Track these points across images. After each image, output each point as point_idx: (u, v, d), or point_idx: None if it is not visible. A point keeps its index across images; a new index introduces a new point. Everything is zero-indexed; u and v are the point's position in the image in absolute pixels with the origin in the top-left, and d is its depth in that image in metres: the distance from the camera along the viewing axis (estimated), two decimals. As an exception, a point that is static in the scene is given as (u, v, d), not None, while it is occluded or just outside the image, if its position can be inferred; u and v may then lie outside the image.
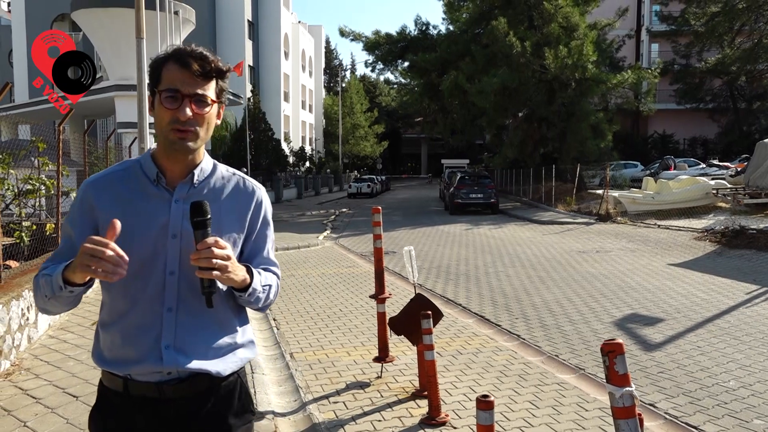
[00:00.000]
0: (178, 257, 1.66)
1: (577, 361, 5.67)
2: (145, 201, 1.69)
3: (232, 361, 1.75)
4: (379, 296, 5.32)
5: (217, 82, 1.67)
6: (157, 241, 1.66)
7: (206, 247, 1.54)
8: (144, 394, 1.68)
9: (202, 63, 1.63)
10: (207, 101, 1.64)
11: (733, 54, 35.16)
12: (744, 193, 17.89)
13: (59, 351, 5.80)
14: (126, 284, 1.62)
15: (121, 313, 1.68)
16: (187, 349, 1.67)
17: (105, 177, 1.74)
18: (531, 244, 14.36)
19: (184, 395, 1.69)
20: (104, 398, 1.77)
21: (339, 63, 79.99)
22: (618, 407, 1.93)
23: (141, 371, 1.66)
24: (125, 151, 15.27)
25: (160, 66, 1.65)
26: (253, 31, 46.20)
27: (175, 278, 1.66)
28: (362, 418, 4.25)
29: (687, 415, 4.38)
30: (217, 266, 1.54)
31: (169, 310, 1.67)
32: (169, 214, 1.67)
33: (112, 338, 1.70)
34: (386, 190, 48.55)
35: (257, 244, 1.81)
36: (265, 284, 1.75)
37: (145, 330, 1.66)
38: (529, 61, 25.36)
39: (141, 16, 12.72)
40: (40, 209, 8.41)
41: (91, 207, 1.69)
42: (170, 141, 1.64)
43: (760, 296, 8.28)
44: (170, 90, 1.61)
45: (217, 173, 1.77)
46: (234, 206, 1.76)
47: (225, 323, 1.75)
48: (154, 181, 1.70)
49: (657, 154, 38.78)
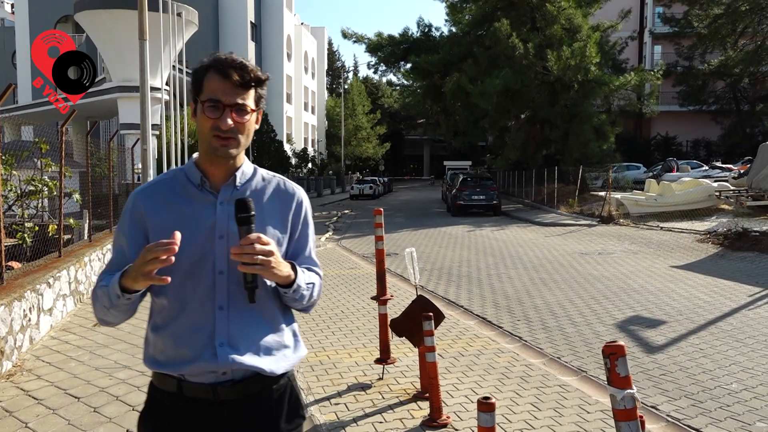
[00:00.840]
0: (226, 257, 1.69)
1: (579, 363, 5.66)
2: (191, 205, 1.75)
3: (283, 360, 1.78)
4: (380, 298, 5.32)
5: (256, 91, 1.73)
6: (205, 242, 1.71)
7: (249, 243, 1.59)
8: (198, 395, 1.71)
9: (242, 73, 1.68)
10: (247, 110, 1.69)
11: (736, 56, 35.10)
12: (747, 196, 17.85)
13: (61, 352, 5.81)
14: (178, 286, 1.69)
15: (174, 314, 1.73)
16: (240, 347, 1.70)
17: (152, 186, 1.82)
18: (533, 246, 14.34)
19: (237, 397, 1.71)
20: (156, 400, 1.79)
21: (341, 65, 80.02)
22: (619, 409, 1.92)
23: (196, 370, 1.69)
24: (128, 152, 15.30)
25: (201, 75, 1.71)
26: (256, 33, 46.28)
27: (225, 277, 1.71)
28: (363, 420, 4.24)
29: (689, 418, 4.37)
30: (260, 261, 1.59)
31: (220, 308, 1.71)
32: (215, 216, 1.73)
33: (165, 341, 1.74)
34: (388, 191, 48.55)
35: (299, 244, 1.85)
36: (308, 282, 1.79)
37: (198, 329, 1.70)
38: (531, 63, 25.36)
39: (144, 17, 12.75)
40: (42, 210, 8.44)
41: (141, 215, 1.76)
42: (212, 148, 1.70)
43: (762, 298, 8.26)
44: (212, 100, 1.67)
45: (258, 176, 1.84)
46: (276, 207, 1.81)
47: (274, 322, 1.79)
48: (199, 186, 1.76)
49: (660, 156, 38.73)
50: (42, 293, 6.31)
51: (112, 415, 4.27)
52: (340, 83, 65.27)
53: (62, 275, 7.08)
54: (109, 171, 12.20)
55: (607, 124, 27.01)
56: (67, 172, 8.25)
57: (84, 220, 9.95)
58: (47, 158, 7.90)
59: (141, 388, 4.79)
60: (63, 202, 8.06)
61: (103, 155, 13.01)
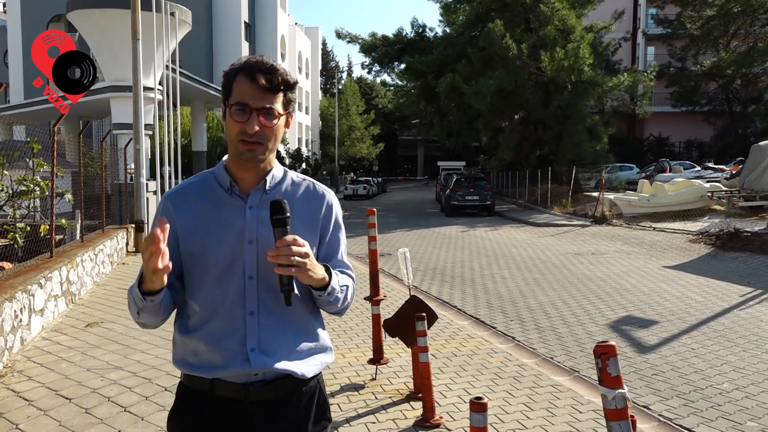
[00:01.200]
0: (256, 262, 1.70)
1: (572, 363, 5.68)
2: (220, 209, 1.74)
3: (313, 364, 1.78)
4: (373, 298, 5.32)
5: (285, 95, 1.71)
6: (234, 247, 1.71)
7: (285, 245, 1.58)
8: (229, 395, 1.71)
9: (270, 77, 1.67)
10: (275, 114, 1.68)
11: (729, 57, 35.27)
12: (739, 196, 17.94)
13: (52, 353, 5.78)
14: (208, 290, 1.71)
15: (205, 319, 1.72)
16: (271, 351, 1.71)
17: (182, 189, 1.82)
18: (527, 246, 14.37)
19: (268, 398, 1.72)
20: (186, 399, 1.79)
21: (335, 65, 79.98)
22: (610, 409, 1.93)
23: (228, 375, 1.70)
24: (120, 152, 15.24)
25: (230, 79, 1.70)
26: (250, 33, 46.19)
27: (255, 282, 1.71)
28: (356, 420, 4.24)
29: (681, 417, 4.39)
30: (296, 263, 1.58)
31: (251, 313, 1.71)
32: (244, 220, 1.72)
33: (195, 344, 1.74)
34: (382, 192, 48.55)
35: (330, 248, 1.85)
36: (342, 285, 1.78)
37: (229, 334, 1.70)
38: (525, 64, 25.41)
39: (137, 17, 12.71)
40: (34, 210, 8.39)
41: (170, 219, 1.72)
42: (239, 152, 1.69)
43: (754, 299, 8.31)
44: (239, 104, 1.66)
45: (288, 179, 1.83)
46: (306, 210, 1.80)
47: (304, 326, 1.79)
48: (228, 190, 1.75)
49: (652, 157, 38.87)
50: (33, 294, 6.28)
51: (104, 417, 4.25)
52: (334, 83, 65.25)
53: (54, 276, 7.04)
54: (101, 171, 12.16)
55: (600, 124, 27.10)
56: (59, 172, 8.21)
57: (76, 221, 9.91)
58: (39, 158, 7.86)
59: (133, 389, 4.77)
60: (55, 202, 8.02)
61: (95, 155, 12.95)
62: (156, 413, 4.30)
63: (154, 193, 15.39)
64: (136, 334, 6.34)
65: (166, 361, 5.43)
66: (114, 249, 10.92)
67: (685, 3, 35.05)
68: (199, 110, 26.10)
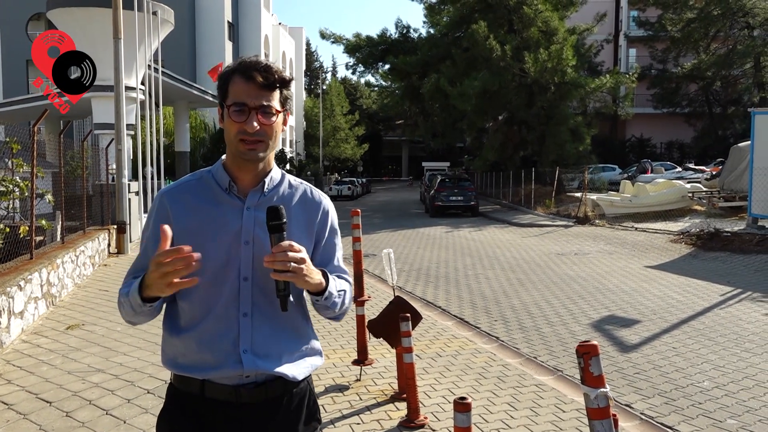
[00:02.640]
0: (251, 263, 1.70)
1: (555, 362, 5.71)
2: (217, 209, 1.74)
3: (304, 366, 1.79)
4: (358, 299, 5.31)
5: (281, 92, 1.72)
6: (230, 247, 1.70)
7: (281, 251, 1.57)
8: (221, 397, 1.70)
9: (266, 75, 1.67)
10: (272, 111, 1.68)
11: (709, 59, 35.76)
12: (719, 197, 18.19)
13: (32, 356, 5.70)
14: (202, 291, 1.68)
15: (197, 319, 1.71)
16: (264, 353, 1.71)
17: (179, 186, 1.80)
18: (510, 247, 14.45)
19: (259, 400, 1.71)
20: (176, 400, 1.78)
21: (320, 65, 79.80)
22: (593, 408, 1.94)
23: (220, 376, 1.69)
24: (102, 152, 15.08)
25: (226, 80, 1.70)
26: (233, 33, 45.93)
27: (249, 284, 1.71)
28: (341, 422, 4.24)
29: (662, 416, 4.43)
30: (292, 269, 1.57)
31: (244, 315, 1.70)
32: (241, 221, 1.72)
33: (186, 344, 1.72)
34: (367, 192, 48.54)
35: (327, 253, 1.85)
36: (340, 289, 1.79)
37: (222, 335, 1.69)
38: (509, 65, 25.56)
39: (118, 16, 12.59)
40: (13, 211, 8.27)
41: (167, 216, 1.73)
42: (240, 152, 1.69)
43: (733, 298, 8.42)
44: (237, 104, 1.66)
45: (285, 182, 1.82)
46: (302, 215, 1.80)
47: (296, 329, 1.79)
48: (227, 190, 1.75)
49: (634, 158, 39.27)
50: (13, 296, 6.19)
51: (85, 420, 4.20)
52: (318, 84, 65.12)
53: (34, 278, 6.95)
54: (82, 171, 12.02)
55: (583, 125, 27.33)
56: (39, 172, 8.10)
57: (56, 222, 9.78)
58: (19, 158, 7.75)
59: (115, 392, 4.72)
60: (35, 203, 7.91)
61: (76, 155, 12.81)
62: (138, 416, 4.26)
63: (136, 193, 15.25)
64: (117, 336, 6.27)
65: (148, 364, 5.38)
66: (95, 250, 10.80)
67: (666, 6, 35.52)
68: (182, 110, 25.89)
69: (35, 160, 7.78)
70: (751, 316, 7.31)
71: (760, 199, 13.96)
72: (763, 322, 7.01)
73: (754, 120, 14.30)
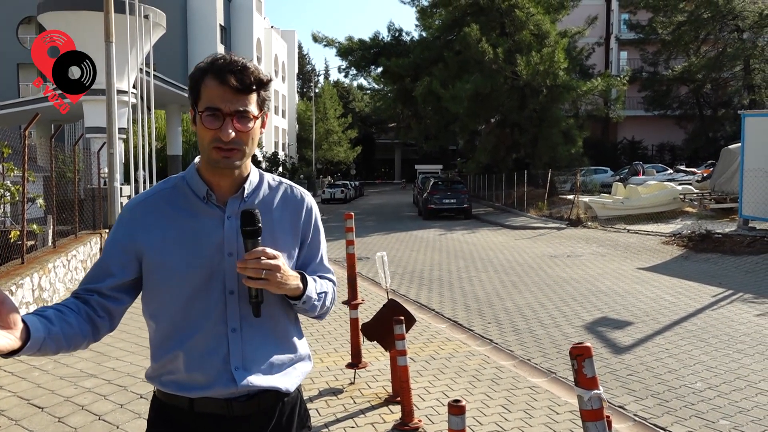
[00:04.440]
0: (237, 276, 1.59)
1: (549, 364, 5.73)
2: (196, 219, 1.62)
3: (295, 375, 1.73)
4: (351, 302, 5.31)
5: (258, 94, 1.59)
6: (213, 260, 1.60)
7: (254, 257, 1.51)
8: (211, 411, 1.62)
9: (242, 77, 1.54)
10: (249, 117, 1.56)
11: (699, 62, 35.98)
12: (710, 198, 18.28)
13: (24, 361, 5.66)
14: (186, 307, 1.59)
15: (183, 337, 1.61)
16: (255, 368, 1.63)
17: (150, 197, 1.67)
18: (503, 249, 14.48)
19: (251, 412, 1.64)
20: (162, 415, 1.68)
21: (312, 68, 79.80)
22: (586, 410, 1.95)
23: (211, 394, 1.61)
24: (93, 156, 15.02)
25: (198, 81, 1.57)
26: (226, 36, 45.88)
27: (236, 297, 1.61)
28: (335, 425, 4.23)
29: (655, 417, 4.45)
30: (265, 276, 1.51)
31: (233, 330, 1.61)
32: (223, 231, 1.62)
33: (173, 364, 1.62)
34: (360, 195, 48.53)
35: (311, 252, 1.78)
36: (320, 291, 1.72)
37: (211, 353, 1.60)
38: (501, 68, 25.64)
39: (110, 19, 12.55)
40: (4, 216, 8.22)
41: (136, 230, 1.62)
42: (213, 160, 1.57)
43: (725, 299, 8.47)
44: (210, 108, 1.53)
45: (265, 184, 1.72)
46: (285, 216, 1.72)
47: (285, 338, 1.72)
48: (204, 199, 1.63)
49: (626, 160, 39.45)
50: (4, 301, 6.13)
51: (78, 425, 4.18)
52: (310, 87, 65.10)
53: (25, 282, 6.90)
54: (74, 175, 11.96)
55: (575, 128, 27.44)
56: (30, 176, 8.05)
57: (48, 226, 9.73)
58: (10, 163, 7.71)
59: (107, 397, 4.70)
60: (26, 208, 7.86)
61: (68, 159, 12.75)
62: (131, 421, 4.24)
63: (129, 197, 15.20)
64: (110, 341, 6.25)
65: (141, 368, 5.36)
66: (87, 255, 10.75)
67: (656, 9, 35.72)
68: (174, 113, 25.84)
69: (26, 164, 7.74)
70: (742, 317, 7.35)
71: (750, 200, 14.05)
72: (754, 323, 7.05)
73: (744, 122, 14.41)
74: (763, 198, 13.64)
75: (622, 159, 40.68)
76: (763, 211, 13.80)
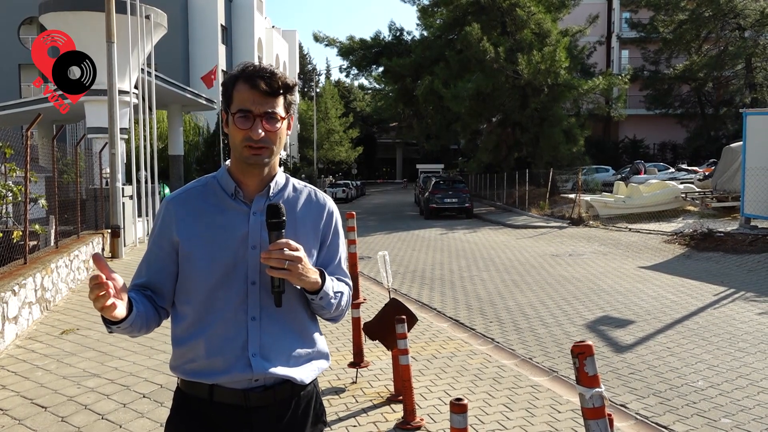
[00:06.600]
0: (259, 267, 1.71)
1: (551, 363, 5.73)
2: (224, 214, 1.76)
3: (311, 369, 1.82)
4: (353, 301, 5.32)
5: (285, 98, 1.74)
6: (237, 252, 1.72)
7: (278, 248, 1.61)
8: (229, 401, 1.72)
9: (270, 81, 1.69)
10: (277, 118, 1.70)
11: (700, 61, 35.94)
12: (712, 197, 18.27)
13: (27, 361, 5.68)
14: (210, 295, 1.72)
15: (205, 324, 1.73)
16: (272, 357, 1.73)
17: (184, 193, 1.82)
18: (505, 248, 14.48)
19: (268, 403, 1.74)
20: (184, 405, 1.79)
21: (313, 68, 79.74)
22: (588, 408, 1.96)
23: (229, 380, 1.71)
24: (95, 156, 15.04)
25: (230, 87, 1.72)
26: (227, 36, 45.89)
27: (257, 288, 1.73)
28: (337, 424, 4.24)
29: (657, 415, 4.45)
30: (287, 266, 1.61)
31: (253, 319, 1.72)
32: (248, 226, 1.74)
33: (196, 350, 1.73)
34: (361, 195, 48.53)
35: (329, 254, 1.87)
36: (336, 291, 1.81)
37: (231, 339, 1.71)
38: (502, 67, 25.61)
39: (111, 20, 12.57)
40: (7, 216, 8.24)
41: (171, 224, 1.76)
42: (245, 157, 1.72)
43: (727, 298, 8.47)
44: (242, 111, 1.68)
45: (290, 186, 1.85)
46: (307, 217, 1.83)
47: (304, 332, 1.82)
48: (232, 195, 1.77)
49: (628, 159, 39.39)
50: (7, 301, 6.16)
51: (81, 425, 4.19)
52: (311, 86, 65.07)
53: (28, 282, 6.92)
54: (76, 176, 11.98)
55: (576, 127, 27.40)
56: (32, 177, 8.07)
57: (50, 226, 9.74)
58: (12, 163, 7.72)
59: (110, 397, 4.71)
60: (28, 208, 7.88)
61: (70, 160, 12.77)
62: (134, 420, 4.26)
63: (130, 197, 15.20)
64: (112, 340, 6.26)
65: (143, 368, 5.37)
66: (89, 255, 10.77)
67: (657, 7, 35.68)
68: (175, 114, 25.84)
69: (28, 164, 7.76)
70: (744, 316, 7.35)
71: (752, 199, 14.04)
72: (756, 322, 7.05)
73: (745, 121, 14.39)
74: (764, 196, 13.63)
75: (623, 158, 40.62)
76: (764, 209, 13.78)
